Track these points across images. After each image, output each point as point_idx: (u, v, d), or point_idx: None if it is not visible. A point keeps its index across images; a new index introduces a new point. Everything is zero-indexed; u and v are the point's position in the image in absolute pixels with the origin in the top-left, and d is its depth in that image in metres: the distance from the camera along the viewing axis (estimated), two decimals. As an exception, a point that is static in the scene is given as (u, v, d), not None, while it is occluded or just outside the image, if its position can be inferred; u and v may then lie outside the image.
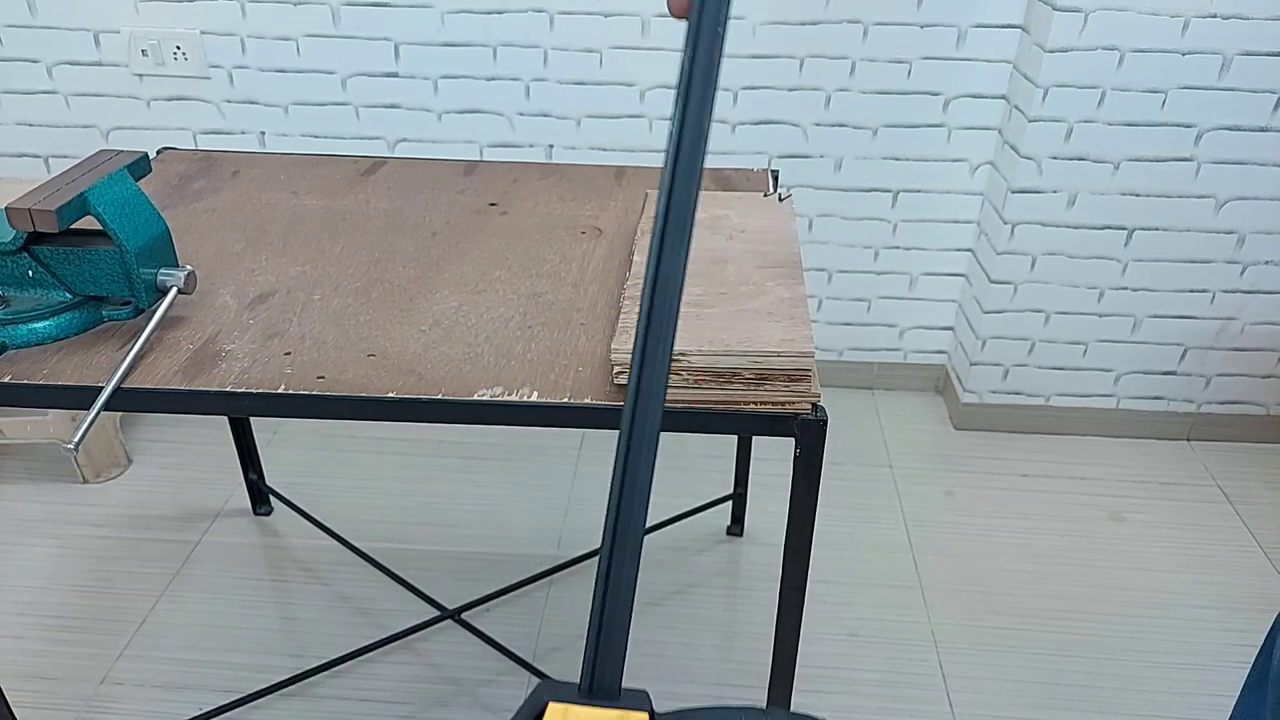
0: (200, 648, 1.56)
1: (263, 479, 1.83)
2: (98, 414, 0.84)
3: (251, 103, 1.94)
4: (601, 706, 0.34)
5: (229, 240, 1.14)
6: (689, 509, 1.79)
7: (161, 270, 0.94)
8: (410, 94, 1.91)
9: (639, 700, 0.34)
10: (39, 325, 0.91)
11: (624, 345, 0.85)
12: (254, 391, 0.86)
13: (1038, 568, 1.72)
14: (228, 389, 0.86)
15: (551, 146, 1.95)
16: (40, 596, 1.65)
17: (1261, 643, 0.95)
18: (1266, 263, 1.87)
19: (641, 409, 0.36)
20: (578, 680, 0.35)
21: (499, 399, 0.85)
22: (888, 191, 1.98)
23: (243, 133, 1.97)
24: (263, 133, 1.97)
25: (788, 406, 0.85)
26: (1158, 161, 1.79)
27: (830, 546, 1.76)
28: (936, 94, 1.87)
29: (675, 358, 0.84)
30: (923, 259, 2.06)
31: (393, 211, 1.22)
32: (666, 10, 0.41)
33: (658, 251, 0.36)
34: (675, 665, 1.54)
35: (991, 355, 2.02)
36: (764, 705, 1.11)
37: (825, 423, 0.84)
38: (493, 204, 1.25)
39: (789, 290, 0.93)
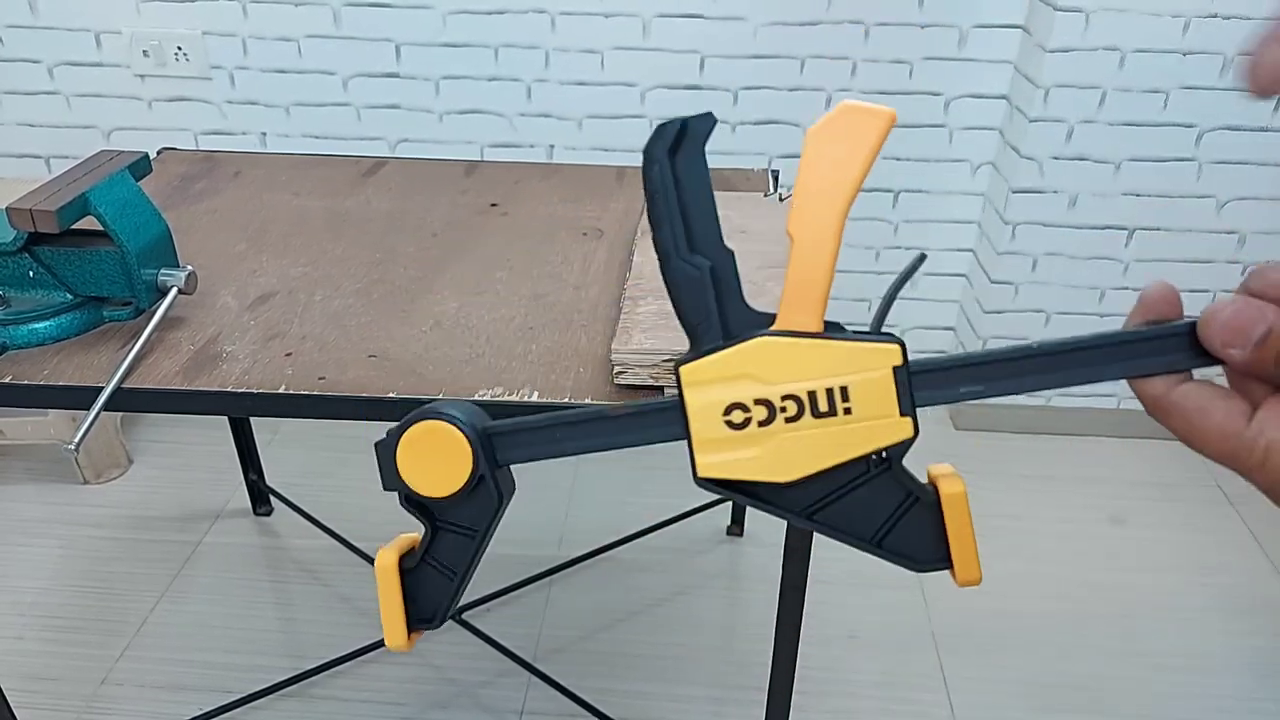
0: (200, 648, 1.56)
1: (263, 479, 1.83)
2: (98, 414, 0.84)
3: (253, 103, 1.94)
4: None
5: (230, 241, 1.14)
6: (689, 509, 1.79)
7: (162, 271, 0.95)
8: (411, 94, 1.91)
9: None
10: (39, 325, 0.91)
11: (624, 345, 0.85)
12: (255, 392, 0.86)
13: (1038, 569, 1.72)
14: (228, 389, 0.86)
15: (552, 147, 1.95)
16: (41, 597, 1.65)
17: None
18: (1267, 263, 1.87)
19: None
20: None
21: (500, 399, 0.85)
22: (889, 192, 1.98)
23: (244, 133, 1.97)
24: (264, 133, 1.97)
25: (788, 407, 0.84)
26: (1159, 162, 1.79)
27: (830, 546, 1.75)
28: (938, 94, 1.87)
29: (675, 358, 0.84)
30: (923, 259, 2.06)
31: (394, 212, 1.22)
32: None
33: None
34: (675, 665, 1.54)
35: (992, 356, 2.01)
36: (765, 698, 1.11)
37: (826, 423, 0.84)
38: (494, 205, 1.25)
39: (790, 291, 0.93)
